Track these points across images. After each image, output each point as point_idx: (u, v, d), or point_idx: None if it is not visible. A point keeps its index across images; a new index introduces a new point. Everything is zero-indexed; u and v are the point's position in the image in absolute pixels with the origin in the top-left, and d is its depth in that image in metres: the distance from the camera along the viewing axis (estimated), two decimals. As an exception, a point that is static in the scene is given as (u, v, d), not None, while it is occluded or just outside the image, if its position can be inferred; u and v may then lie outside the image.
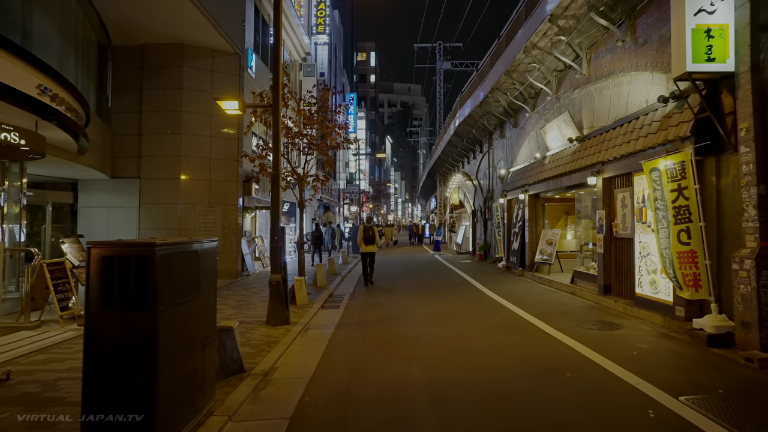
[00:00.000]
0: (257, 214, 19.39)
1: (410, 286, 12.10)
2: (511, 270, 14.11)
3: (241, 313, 8.44)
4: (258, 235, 17.49)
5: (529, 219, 12.62)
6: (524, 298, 9.53)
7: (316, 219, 28.57)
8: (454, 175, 26.25)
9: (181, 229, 12.75)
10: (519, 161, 14.22)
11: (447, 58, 34.81)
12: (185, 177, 12.84)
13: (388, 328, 7.21)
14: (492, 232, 17.93)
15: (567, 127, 9.87)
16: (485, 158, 19.28)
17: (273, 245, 7.66)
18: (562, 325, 6.82)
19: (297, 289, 9.64)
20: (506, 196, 14.97)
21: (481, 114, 17.07)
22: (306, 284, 12.25)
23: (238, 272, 13.58)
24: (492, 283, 11.94)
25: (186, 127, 12.88)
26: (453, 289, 11.38)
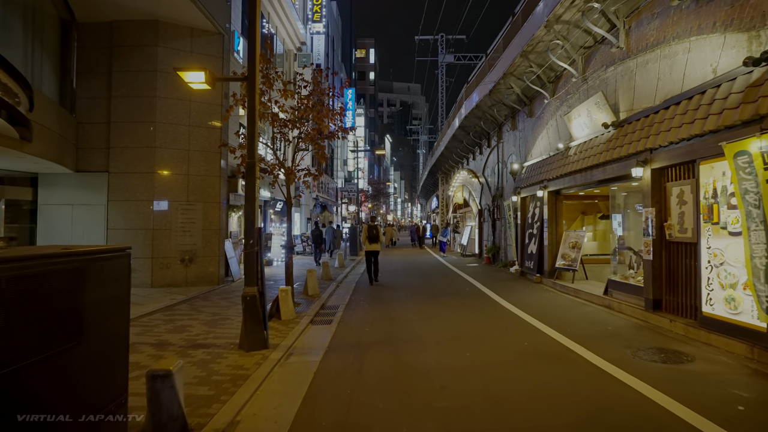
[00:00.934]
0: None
1: (414, 294, 10.64)
2: (527, 276, 12.65)
3: (213, 331, 6.97)
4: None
5: (549, 219, 11.15)
6: (551, 312, 8.06)
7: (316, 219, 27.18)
8: (457, 173, 24.78)
9: (155, 230, 11.28)
10: (535, 154, 12.76)
11: (449, 51, 33.37)
12: (160, 171, 11.37)
13: (390, 356, 5.73)
14: (501, 233, 16.47)
15: (599, 111, 8.40)
16: (494, 153, 17.81)
17: (247, 250, 6.19)
18: (612, 354, 5.35)
19: (282, 301, 8.17)
20: (519, 193, 13.50)
21: (490, 104, 15.60)
22: (295, 293, 10.80)
23: (220, 278, 12.10)
24: (508, 292, 10.47)
25: (161, 114, 11.41)
26: (464, 299, 9.91)
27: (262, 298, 6.24)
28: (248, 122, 6.34)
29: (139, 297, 9.82)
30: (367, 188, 48.26)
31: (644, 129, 6.93)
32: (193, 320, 7.74)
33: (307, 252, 22.72)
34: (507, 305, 8.88)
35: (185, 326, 7.27)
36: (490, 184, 18.48)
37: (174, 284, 11.42)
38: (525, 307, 8.59)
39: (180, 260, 11.57)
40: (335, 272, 15.24)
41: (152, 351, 5.84)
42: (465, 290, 11.07)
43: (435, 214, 38.05)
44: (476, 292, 10.80)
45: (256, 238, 6.24)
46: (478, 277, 13.42)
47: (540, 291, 10.48)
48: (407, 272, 15.41)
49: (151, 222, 11.27)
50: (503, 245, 16.29)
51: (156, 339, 6.43)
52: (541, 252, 11.63)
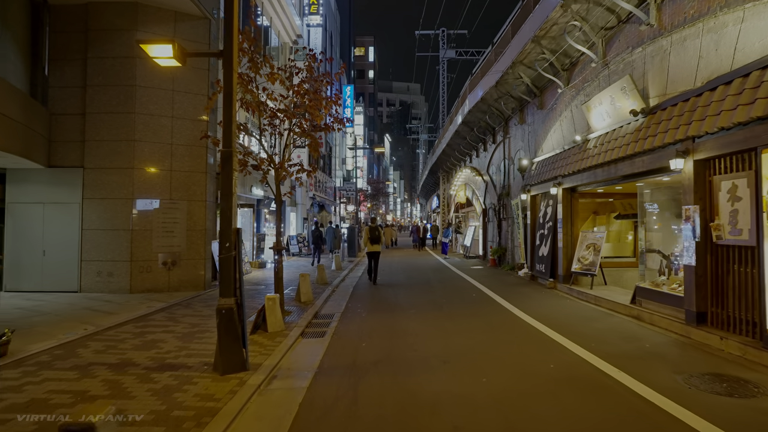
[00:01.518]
0: (239, 213, 17.00)
1: (417, 302, 9.71)
2: (538, 280, 11.74)
3: (187, 348, 6.05)
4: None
5: (563, 218, 10.23)
6: (573, 324, 7.14)
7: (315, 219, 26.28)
8: (460, 171, 23.88)
9: (134, 230, 10.35)
10: (546, 149, 11.83)
11: (451, 46, 32.39)
12: (140, 166, 10.44)
13: (390, 382, 4.81)
14: (508, 234, 15.55)
15: (625, 98, 7.48)
16: (499, 149, 16.88)
17: (223, 254, 5.27)
18: (660, 382, 4.43)
19: (269, 311, 7.25)
20: (529, 191, 12.58)
21: (496, 96, 14.67)
22: (287, 300, 9.87)
23: (206, 283, 11.18)
24: (519, 299, 9.56)
25: (141, 105, 10.48)
26: (472, 307, 8.99)
27: (240, 310, 5.32)
28: (224, 105, 5.43)
29: (113, 305, 8.90)
30: (366, 188, 47.34)
31: (683, 115, 6.01)
32: (167, 333, 6.82)
33: (304, 253, 21.80)
34: (521, 315, 7.96)
35: (156, 341, 6.35)
36: (495, 182, 17.56)
37: (155, 289, 10.50)
38: (542, 317, 7.67)
39: (162, 263, 10.65)
40: (331, 275, 14.32)
41: (108, 375, 4.91)
42: (472, 296, 10.14)
43: (435, 214, 37.14)
44: (484, 298, 9.87)
45: (234, 240, 5.32)
46: (485, 281, 12.50)
47: (555, 298, 9.55)
48: (408, 275, 14.48)
49: (130, 222, 10.35)
50: (510, 247, 15.37)
51: (118, 358, 5.50)
52: (554, 254, 10.70)
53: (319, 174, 26.85)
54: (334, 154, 35.43)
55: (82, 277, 10.20)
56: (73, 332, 6.64)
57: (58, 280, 10.14)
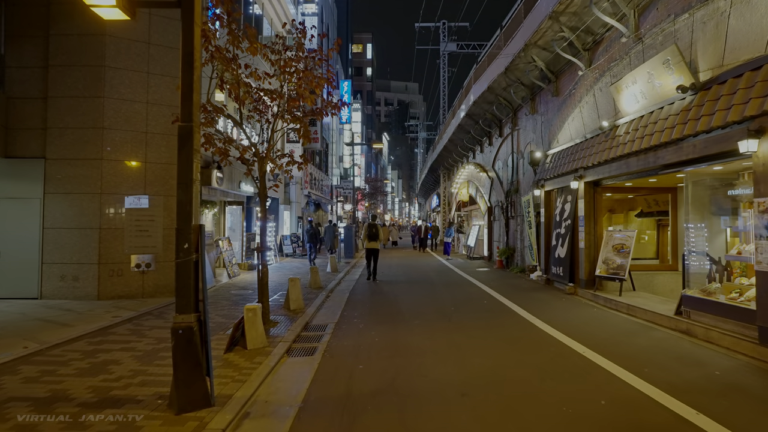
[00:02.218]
0: (227, 211, 15.84)
1: (422, 310, 8.58)
2: (554, 285, 10.61)
3: (144, 372, 4.93)
4: (223, 237, 13.92)
5: (586, 216, 9.10)
6: (610, 340, 6.02)
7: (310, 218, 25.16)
8: (462, 168, 22.75)
9: (103, 229, 9.20)
10: (563, 140, 10.72)
11: (452, 39, 31.20)
12: (110, 158, 9.29)
13: (397, 426, 3.67)
14: (517, 233, 14.44)
15: (668, 73, 6.36)
16: (507, 143, 15.76)
17: (180, 258, 4.14)
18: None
19: (248, 324, 6.12)
20: (543, 186, 11.46)
21: (505, 85, 13.56)
22: (275, 307, 8.73)
23: (186, 288, 10.00)
24: (538, 306, 8.43)
25: (112, 88, 9.33)
26: (486, 317, 7.85)
27: (203, 329, 4.19)
28: (183, 68, 4.29)
29: (73, 315, 7.74)
30: (364, 186, 46.22)
31: (754, 86, 4.89)
32: (125, 351, 5.67)
33: (298, 254, 20.65)
34: (545, 327, 6.82)
35: (109, 362, 5.21)
36: (502, 179, 16.44)
37: (127, 295, 9.35)
38: (570, 330, 6.54)
39: (135, 266, 9.49)
40: (326, 278, 13.17)
41: (28, 413, 3.77)
42: (483, 304, 9.01)
43: (435, 213, 36.02)
44: (498, 306, 8.74)
45: (195, 240, 4.19)
46: (494, 285, 11.37)
47: (579, 306, 8.42)
48: (410, 278, 13.34)
49: (98, 220, 9.19)
50: (519, 247, 14.25)
51: (50, 390, 4.35)
52: (573, 256, 9.58)
53: (314, 171, 25.70)
54: (331, 152, 34.26)
55: (42, 281, 9.04)
56: (8, 352, 5.47)
57: (15, 285, 8.96)
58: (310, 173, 24.16)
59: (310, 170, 24.05)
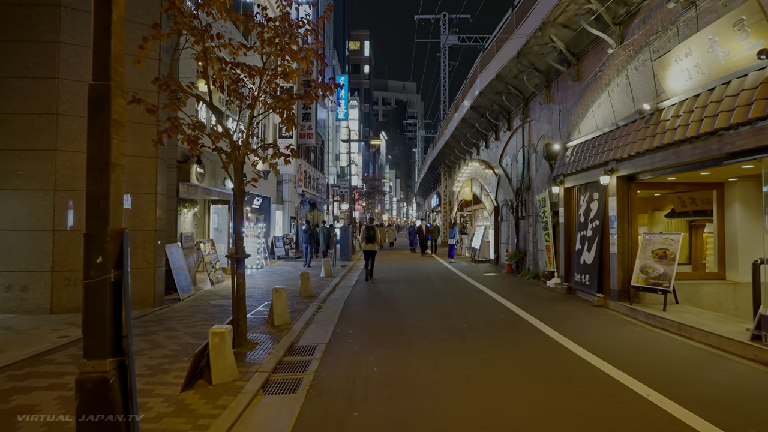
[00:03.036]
0: (211, 210, 14.55)
1: (429, 326, 7.29)
2: (577, 294, 9.34)
3: (66, 425, 3.64)
4: (206, 239, 12.61)
5: (619, 216, 7.84)
6: (675, 375, 4.76)
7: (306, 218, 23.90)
8: (465, 165, 21.50)
9: (57, 231, 7.91)
10: (586, 130, 9.46)
11: (453, 31, 29.89)
12: (67, 148, 8.01)
13: None
14: (529, 235, 13.18)
15: (740, 38, 5.11)
16: (516, 137, 14.50)
17: (91, 279, 2.84)
18: None
19: (214, 353, 4.85)
20: (562, 183, 10.20)
21: (516, 71, 12.30)
22: (257, 322, 7.42)
23: (157, 297, 8.74)
24: (564, 322, 7.16)
25: (68, 68, 8.06)
26: (506, 337, 6.57)
27: (126, 379, 2.89)
28: (95, 13, 3.00)
29: (12, 334, 6.45)
30: (361, 185, 44.91)
31: None
32: (52, 390, 4.40)
33: (291, 256, 19.36)
34: (583, 353, 5.55)
35: (23, 409, 3.94)
36: (510, 175, 15.18)
37: (85, 308, 8.02)
38: (616, 358, 5.27)
39: (96, 274, 8.16)
40: (319, 284, 11.89)
41: None
42: (499, 318, 7.73)
43: (435, 213, 34.75)
44: (517, 321, 7.46)
45: (114, 251, 2.89)
46: (507, 294, 10.10)
47: (615, 323, 7.13)
48: (412, 286, 12.05)
49: (51, 220, 7.90)
50: (531, 251, 12.98)
51: None
52: (602, 263, 8.32)
53: (309, 168, 24.40)
54: (327, 150, 32.94)
55: (-17, 293, 7.74)
56: None
57: (-50, 297, 7.67)
58: (305, 171, 22.86)
59: (304, 168, 22.75)
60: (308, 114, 21.54)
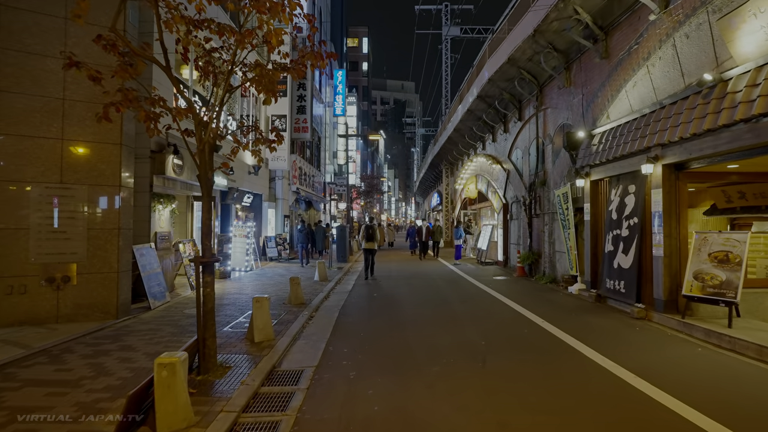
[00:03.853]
0: (195, 207, 13.29)
1: (440, 345, 6.03)
2: (608, 303, 8.10)
3: None
4: (186, 239, 11.35)
5: (665, 211, 6.61)
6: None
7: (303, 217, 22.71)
8: (469, 161, 20.27)
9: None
10: (618, 113, 8.24)
11: (455, 23, 28.60)
12: (8, 131, 6.77)
13: None
14: (544, 235, 11.94)
15: None
16: (528, 128, 13.27)
17: None
18: None
19: (161, 392, 3.61)
20: (588, 175, 8.97)
21: (531, 53, 11.06)
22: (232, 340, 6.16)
23: (121, 307, 7.49)
24: (605, 340, 5.92)
25: (11, 36, 6.83)
26: (539, 362, 5.30)
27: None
28: None
29: None
30: (360, 184, 43.65)
31: None
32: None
33: (284, 258, 18.10)
34: (644, 387, 4.30)
35: None
36: (522, 170, 13.95)
37: (33, 320, 6.84)
38: (688, 393, 4.04)
39: (46, 279, 6.96)
40: (312, 289, 10.64)
41: None
42: (523, 334, 6.48)
43: (436, 213, 33.50)
44: (547, 338, 6.21)
45: None
46: (525, 301, 8.85)
47: (668, 342, 5.87)
48: (415, 291, 10.80)
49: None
50: (547, 252, 11.74)
51: None
52: (642, 267, 7.10)
53: (304, 165, 23.13)
54: (324, 147, 31.64)
55: None
56: None
57: None
58: (299, 167, 21.59)
59: (299, 164, 21.48)
60: (303, 107, 20.28)
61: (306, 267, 15.64)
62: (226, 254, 13.28)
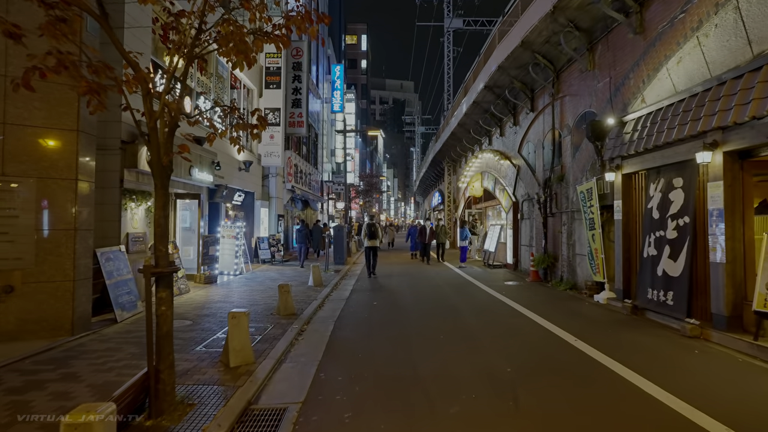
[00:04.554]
0: (179, 206, 12.13)
1: (454, 373, 4.89)
2: (647, 316, 6.96)
3: None
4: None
5: (727, 210, 5.48)
6: None
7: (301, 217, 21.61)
8: (474, 158, 19.18)
9: None
10: (656, 95, 7.13)
11: (458, 14, 27.47)
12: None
13: None
14: (561, 236, 10.82)
15: None
16: (542, 118, 12.16)
17: None
18: None
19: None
20: (620, 167, 7.84)
21: (548, 34, 9.94)
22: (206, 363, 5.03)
23: (77, 321, 6.37)
24: (661, 368, 4.79)
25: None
26: (582, 397, 4.16)
27: None
28: None
29: None
30: (358, 183, 42.51)
31: None
32: None
33: (278, 260, 16.97)
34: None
35: None
36: (534, 166, 12.84)
37: (-36, 340, 5.69)
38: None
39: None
40: (305, 296, 9.51)
41: None
42: (556, 357, 5.35)
43: (437, 212, 32.39)
44: (585, 363, 5.08)
45: None
46: (547, 312, 7.72)
47: (744, 370, 4.68)
48: (421, 301, 9.67)
49: None
50: (566, 255, 10.62)
51: None
52: (694, 275, 5.98)
53: (300, 162, 22.00)
54: (322, 144, 30.48)
55: None
56: None
57: None
58: (295, 164, 20.45)
59: (294, 160, 20.34)
60: (298, 100, 19.14)
61: (305, 267, 14.80)
62: (212, 257, 12.14)
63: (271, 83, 17.69)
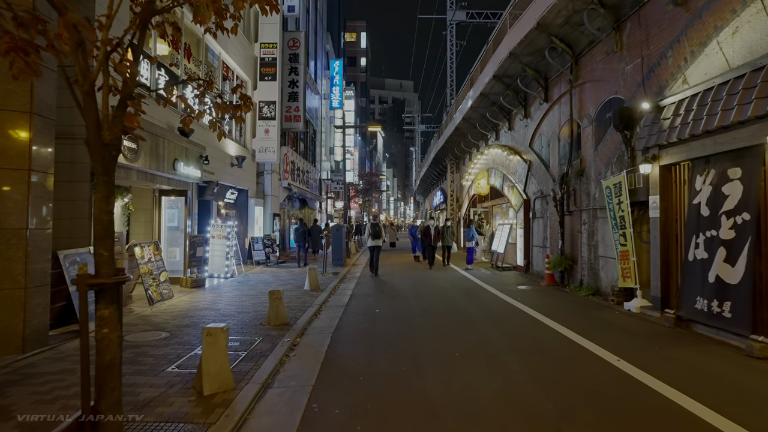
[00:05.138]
0: (164, 203, 11.18)
1: (481, 408, 3.92)
2: (694, 329, 6.01)
3: None
4: (147, 242, 9.22)
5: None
6: None
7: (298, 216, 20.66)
8: (480, 154, 18.26)
9: None
10: (702, 75, 6.19)
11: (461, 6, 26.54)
12: None
13: None
14: (581, 236, 9.87)
15: None
16: (558, 108, 11.22)
17: None
18: None
19: None
20: (657, 158, 6.90)
21: (568, 13, 8.99)
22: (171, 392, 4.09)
23: (30, 336, 5.43)
24: (737, 402, 3.87)
25: None
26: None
27: None
28: None
29: None
30: (358, 182, 41.56)
31: None
32: None
33: (272, 261, 16.01)
34: None
35: None
36: (548, 160, 11.90)
37: None
38: None
39: None
40: (300, 302, 8.56)
41: None
42: (602, 385, 4.40)
43: (439, 212, 31.41)
44: (640, 392, 4.14)
45: None
46: (573, 323, 6.78)
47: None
48: (429, 309, 8.72)
49: None
50: (586, 257, 9.67)
51: None
52: (757, 282, 5.04)
53: (298, 159, 21.05)
54: (320, 142, 29.51)
55: None
56: None
57: None
58: (292, 161, 19.49)
59: (291, 157, 19.38)
60: (295, 94, 18.18)
61: (303, 268, 14.17)
62: (200, 258, 11.19)
63: (266, 75, 16.73)
